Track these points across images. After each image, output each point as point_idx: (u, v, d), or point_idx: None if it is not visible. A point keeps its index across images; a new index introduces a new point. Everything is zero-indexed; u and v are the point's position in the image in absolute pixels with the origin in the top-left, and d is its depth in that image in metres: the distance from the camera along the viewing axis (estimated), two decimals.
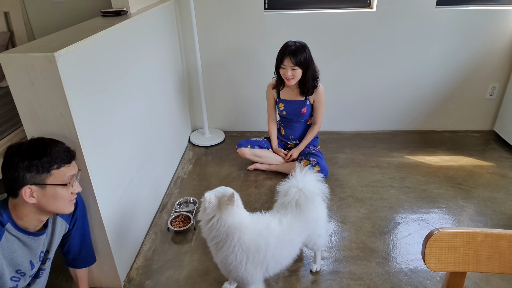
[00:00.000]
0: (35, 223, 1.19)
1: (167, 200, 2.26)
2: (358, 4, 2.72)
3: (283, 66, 2.18)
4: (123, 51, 1.73)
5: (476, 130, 3.01)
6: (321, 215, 1.56)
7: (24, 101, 1.24)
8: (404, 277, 1.68)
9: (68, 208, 1.21)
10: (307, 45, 2.20)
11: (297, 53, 2.13)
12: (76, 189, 1.21)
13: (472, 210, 2.10)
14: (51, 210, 1.18)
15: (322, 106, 2.35)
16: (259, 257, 1.32)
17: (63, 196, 1.16)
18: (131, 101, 1.81)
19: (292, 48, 2.14)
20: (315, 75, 2.24)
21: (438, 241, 0.80)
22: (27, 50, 1.21)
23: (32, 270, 1.23)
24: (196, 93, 2.98)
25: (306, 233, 1.49)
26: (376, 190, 2.28)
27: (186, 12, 2.67)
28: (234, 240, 1.28)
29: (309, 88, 2.25)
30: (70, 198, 1.20)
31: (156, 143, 2.17)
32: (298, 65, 2.15)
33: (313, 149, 2.41)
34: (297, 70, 2.17)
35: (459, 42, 2.70)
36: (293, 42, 2.18)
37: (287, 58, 2.14)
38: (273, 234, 1.36)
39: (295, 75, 2.18)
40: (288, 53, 2.14)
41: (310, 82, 2.23)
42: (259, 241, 1.32)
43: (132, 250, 1.82)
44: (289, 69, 2.16)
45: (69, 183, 1.17)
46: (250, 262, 1.32)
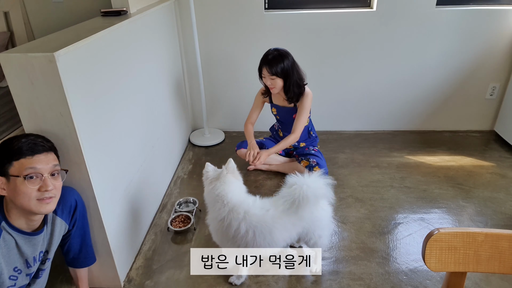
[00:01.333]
0: (27, 222, 1.18)
1: (167, 200, 2.25)
2: (358, 4, 2.72)
3: (263, 75, 2.16)
4: (123, 51, 1.73)
5: (476, 130, 3.01)
6: (322, 217, 1.55)
7: (24, 101, 1.24)
8: (404, 277, 1.68)
9: (36, 207, 1.12)
10: (289, 52, 2.13)
11: (274, 63, 2.07)
12: (45, 187, 1.12)
13: (472, 210, 2.10)
14: (20, 207, 1.12)
15: (305, 113, 2.21)
16: (231, 231, 1.45)
17: (24, 192, 1.09)
18: (131, 101, 1.81)
19: (269, 57, 2.09)
20: (299, 83, 2.16)
21: (438, 241, 0.80)
22: (27, 50, 1.21)
23: (29, 269, 1.22)
24: (196, 93, 2.98)
25: (298, 229, 1.51)
26: (376, 190, 2.28)
27: (186, 12, 2.67)
28: (220, 204, 1.45)
29: (292, 96, 2.18)
30: (38, 196, 1.12)
31: (156, 143, 2.16)
32: (276, 75, 2.09)
33: (313, 149, 2.41)
34: (276, 80, 2.11)
35: (459, 42, 2.70)
36: (273, 50, 2.12)
37: (264, 67, 2.11)
38: (252, 217, 1.45)
39: (275, 84, 2.13)
40: (265, 62, 2.10)
41: (293, 90, 2.15)
42: (236, 215, 1.44)
43: (132, 250, 1.81)
44: (268, 79, 2.13)
45: (27, 177, 1.09)
46: (221, 232, 1.49)
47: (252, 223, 1.45)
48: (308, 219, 1.51)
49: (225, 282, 1.66)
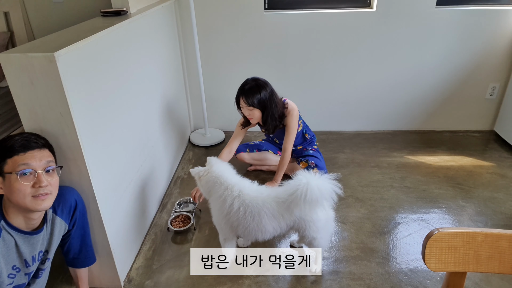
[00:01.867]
0: (26, 221, 1.18)
1: (167, 200, 2.25)
2: (358, 4, 2.72)
3: (240, 105, 2.07)
4: (123, 51, 1.73)
5: (476, 130, 3.01)
6: (317, 219, 1.55)
7: (24, 101, 1.24)
8: (404, 277, 1.68)
9: (31, 204, 1.13)
10: (267, 83, 2.05)
11: (250, 94, 1.99)
12: (38, 183, 1.13)
13: (472, 210, 2.10)
14: (16, 204, 1.13)
15: (293, 132, 2.15)
16: (225, 206, 1.54)
17: (18, 188, 1.10)
18: (131, 101, 1.81)
19: (246, 87, 2.01)
20: (276, 115, 2.07)
21: (438, 241, 0.80)
22: (27, 50, 1.21)
23: (28, 268, 1.22)
24: (196, 93, 2.97)
25: (287, 222, 1.54)
26: (376, 190, 2.28)
27: (186, 12, 2.67)
28: (218, 185, 1.57)
29: (269, 128, 2.12)
30: (33, 193, 1.12)
31: (156, 143, 2.17)
32: (252, 106, 2.01)
33: (310, 149, 2.39)
34: (254, 111, 2.04)
35: (459, 42, 2.70)
36: (251, 80, 2.04)
37: (241, 98, 2.03)
38: (246, 196, 1.54)
39: (252, 115, 2.06)
40: (242, 93, 2.02)
41: (271, 122, 2.08)
42: (231, 192, 1.55)
43: (132, 250, 1.82)
44: (246, 109, 2.05)
45: (20, 173, 1.10)
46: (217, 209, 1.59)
47: (245, 201, 1.53)
48: (299, 216, 1.52)
49: (225, 282, 1.66)
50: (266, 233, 1.55)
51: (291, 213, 1.52)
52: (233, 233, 1.63)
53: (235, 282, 1.67)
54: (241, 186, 1.58)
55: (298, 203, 1.44)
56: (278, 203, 1.52)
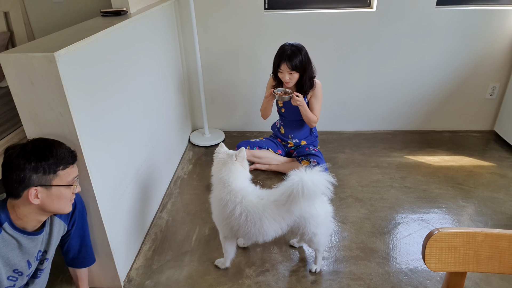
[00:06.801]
0: (34, 223, 1.19)
1: (167, 200, 2.25)
2: (358, 4, 2.72)
3: (280, 70, 2.18)
4: (123, 51, 1.73)
5: (476, 130, 3.01)
6: (317, 214, 1.55)
7: (24, 101, 1.24)
8: (404, 277, 1.68)
9: (68, 208, 1.24)
10: (303, 46, 2.18)
11: (294, 57, 2.11)
12: (77, 189, 1.24)
13: (472, 210, 2.10)
14: (53, 211, 1.20)
15: (319, 102, 2.31)
16: (226, 211, 1.52)
17: (66, 196, 1.19)
18: (131, 101, 1.81)
19: (288, 52, 2.12)
20: (312, 76, 2.24)
21: (438, 241, 0.80)
22: (27, 50, 1.21)
23: (29, 269, 1.23)
24: (196, 93, 2.98)
25: (288, 222, 1.54)
26: (376, 190, 2.28)
27: (186, 12, 2.67)
28: (222, 186, 1.53)
29: (306, 89, 2.25)
30: (71, 198, 1.23)
31: (156, 143, 2.17)
32: (295, 70, 2.14)
33: (313, 149, 2.41)
34: (294, 74, 2.16)
35: (459, 42, 2.70)
36: (290, 45, 2.15)
37: (284, 63, 2.13)
38: (248, 202, 1.51)
39: (292, 79, 2.18)
40: (284, 58, 2.12)
41: (307, 83, 2.23)
42: (234, 198, 1.51)
43: (132, 250, 1.82)
44: (287, 74, 2.16)
45: (73, 184, 1.20)
46: (218, 210, 1.58)
47: (247, 208, 1.51)
48: (299, 214, 1.52)
49: (225, 282, 1.67)
50: (267, 236, 1.55)
51: (291, 213, 1.52)
52: (233, 234, 1.63)
53: (235, 282, 1.67)
54: (244, 193, 1.54)
55: (297, 202, 1.45)
56: (278, 206, 1.51)
